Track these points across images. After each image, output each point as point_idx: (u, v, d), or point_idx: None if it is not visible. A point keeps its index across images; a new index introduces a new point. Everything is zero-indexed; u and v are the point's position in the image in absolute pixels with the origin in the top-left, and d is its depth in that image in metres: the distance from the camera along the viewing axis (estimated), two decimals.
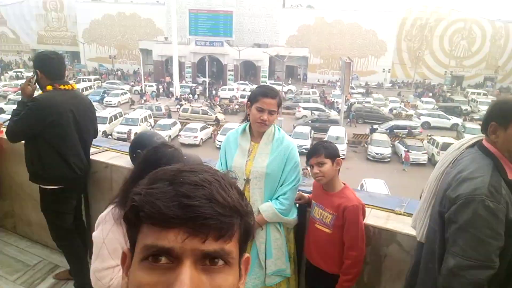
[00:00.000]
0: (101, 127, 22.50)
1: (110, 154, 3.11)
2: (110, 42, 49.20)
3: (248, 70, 45.32)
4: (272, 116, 2.03)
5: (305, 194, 2.25)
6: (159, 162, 1.42)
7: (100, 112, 26.07)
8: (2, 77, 39.47)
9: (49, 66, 2.51)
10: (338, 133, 22.66)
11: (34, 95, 2.51)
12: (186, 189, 0.56)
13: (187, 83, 41.20)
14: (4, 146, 3.33)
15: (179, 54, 38.31)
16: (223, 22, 42.98)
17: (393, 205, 2.27)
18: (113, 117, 25.09)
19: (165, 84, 39.95)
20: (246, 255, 0.67)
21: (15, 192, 3.47)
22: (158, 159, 1.43)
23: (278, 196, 2.07)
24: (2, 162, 3.48)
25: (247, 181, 2.09)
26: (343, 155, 21.54)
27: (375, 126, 26.60)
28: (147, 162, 1.45)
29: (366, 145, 23.58)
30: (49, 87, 2.47)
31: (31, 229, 3.50)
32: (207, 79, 38.31)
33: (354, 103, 33.46)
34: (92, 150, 2.94)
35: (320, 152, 1.99)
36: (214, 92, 37.04)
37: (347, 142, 23.18)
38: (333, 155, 2.00)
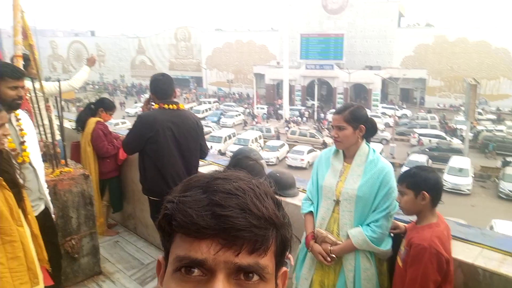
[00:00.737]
0: (216, 146, 24.41)
1: (214, 168, 3.37)
2: (228, 68, 53.41)
3: (359, 93, 44.08)
4: (343, 132, 1.97)
5: (402, 224, 2.09)
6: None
7: (216, 132, 28.36)
8: (140, 98, 45.97)
9: (156, 87, 2.77)
10: (462, 164, 20.19)
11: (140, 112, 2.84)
12: (219, 198, 0.54)
13: (296, 106, 42.01)
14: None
15: (289, 78, 39.46)
16: (333, 45, 42.95)
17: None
18: (227, 137, 26.96)
19: (276, 106, 41.40)
20: (284, 269, 0.63)
21: (137, 196, 3.98)
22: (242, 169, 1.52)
23: (370, 223, 1.96)
24: (127, 169, 4.05)
25: (337, 202, 2.03)
26: (468, 190, 19.05)
27: (508, 159, 23.02)
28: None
29: (497, 180, 20.48)
30: (155, 106, 2.79)
31: (148, 231, 3.96)
32: (315, 102, 38.48)
33: (482, 131, 29.62)
34: (200, 163, 3.19)
35: (405, 180, 1.84)
36: (322, 115, 36.96)
37: (473, 175, 20.43)
38: (418, 186, 1.79)
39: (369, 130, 2.03)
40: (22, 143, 2.24)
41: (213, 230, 0.52)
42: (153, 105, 2.89)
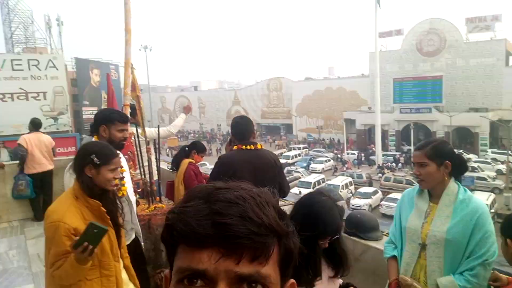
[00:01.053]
0: (305, 191, 24.11)
1: None
2: (318, 114, 53.82)
3: (464, 137, 40.18)
4: (425, 169, 1.82)
5: (504, 276, 1.79)
6: (312, 207, 1.49)
7: (305, 178, 28.21)
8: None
9: (235, 128, 2.94)
10: None
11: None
12: (219, 207, 0.54)
13: (390, 151, 39.93)
14: None
15: (382, 123, 38.02)
16: (431, 87, 40.56)
17: None
18: (316, 183, 26.60)
19: (368, 152, 39.93)
20: (291, 281, 0.61)
21: None
22: (311, 205, 1.50)
23: (464, 271, 1.73)
24: None
25: (423, 246, 1.85)
26: None
27: None
28: (302, 206, 1.54)
29: None
30: (234, 147, 2.94)
31: None
32: (412, 147, 36.11)
33: None
34: (280, 203, 3.22)
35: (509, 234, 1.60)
36: None
37: None
38: None
39: (457, 167, 1.85)
40: (121, 178, 2.55)
41: (213, 238, 0.52)
42: (233, 146, 3.06)
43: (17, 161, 5.99)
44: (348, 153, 39.14)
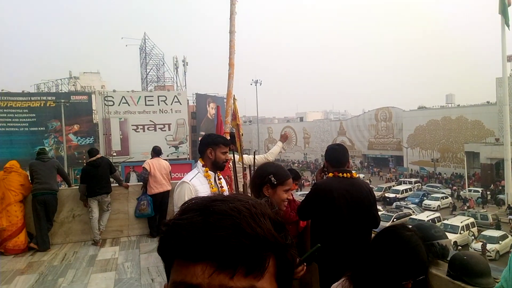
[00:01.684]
0: None
1: None
2: (433, 146, 49.30)
3: None
4: None
5: None
6: (396, 244, 1.41)
7: (417, 215, 25.78)
8: None
9: (331, 155, 2.92)
10: None
11: (316, 181, 3.00)
12: (213, 219, 0.52)
13: None
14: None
15: None
16: None
17: None
18: (430, 221, 24.07)
19: (494, 189, 34.70)
20: None
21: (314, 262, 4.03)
22: (392, 241, 1.42)
23: None
24: (306, 236, 4.20)
25: None
26: None
27: None
28: (382, 241, 1.46)
29: None
30: (330, 174, 2.90)
31: None
32: None
33: None
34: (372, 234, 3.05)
35: None
36: None
37: None
38: None
39: None
40: None
41: (206, 252, 0.50)
42: (327, 173, 3.03)
43: (141, 183, 6.90)
44: (470, 190, 34.61)
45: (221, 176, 2.93)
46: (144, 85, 42.25)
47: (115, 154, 32.30)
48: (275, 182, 2.00)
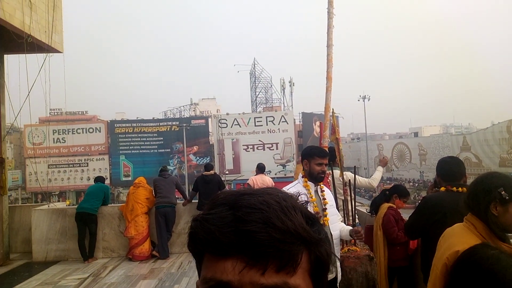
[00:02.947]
0: None
1: None
2: None
3: None
4: None
5: None
6: (480, 265, 1.19)
7: None
8: None
9: (443, 169, 2.65)
10: None
11: (425, 195, 2.70)
12: (242, 213, 0.51)
13: None
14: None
15: None
16: None
17: None
18: None
19: None
20: None
21: None
22: (477, 262, 1.20)
23: None
24: (416, 259, 3.79)
25: None
26: None
27: None
28: (466, 265, 1.24)
29: None
30: (442, 188, 2.58)
31: None
32: None
33: None
34: None
35: None
36: None
37: None
38: None
39: None
40: (324, 209, 2.77)
41: (236, 247, 0.49)
42: (438, 188, 2.74)
43: None
44: None
45: (324, 188, 2.93)
46: (254, 107, 44.51)
47: (227, 172, 34.44)
48: (507, 198, 1.60)
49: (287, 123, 37.63)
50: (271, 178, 7.32)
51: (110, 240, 6.98)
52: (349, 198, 3.70)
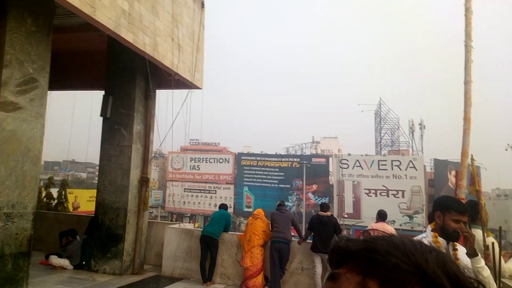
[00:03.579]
0: None
1: None
2: None
3: None
4: None
5: None
6: None
7: None
8: None
9: None
10: None
11: None
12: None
13: None
14: None
15: None
16: None
17: None
18: None
19: None
20: None
21: None
22: None
23: None
24: None
25: None
26: None
27: None
28: None
29: None
30: None
31: None
32: None
33: None
34: None
35: None
36: None
37: None
38: None
39: None
40: None
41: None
42: None
43: None
44: None
45: (458, 247, 2.51)
46: (378, 149, 42.37)
47: (346, 216, 33.05)
48: None
49: (416, 170, 34.50)
50: (394, 228, 6.70)
51: (227, 266, 7.30)
52: (491, 265, 3.10)
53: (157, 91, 8.62)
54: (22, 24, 5.08)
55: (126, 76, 7.89)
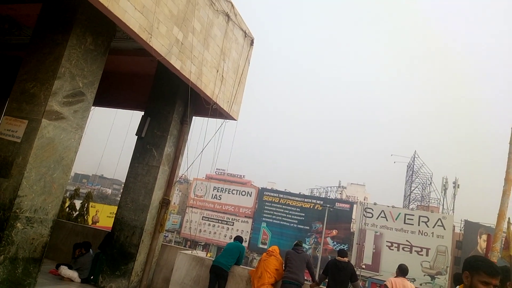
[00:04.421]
0: None
1: None
2: None
3: None
4: None
5: None
6: None
7: None
8: None
9: None
10: None
11: None
12: None
13: None
14: None
15: None
16: None
17: None
18: None
19: None
20: None
21: None
22: None
23: None
24: None
25: None
26: None
27: None
28: None
29: None
30: None
31: None
32: None
33: None
34: None
35: None
36: None
37: None
38: None
39: None
40: None
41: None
42: None
43: None
44: None
45: None
46: (406, 202, 40.88)
47: (364, 267, 31.58)
48: None
49: (444, 229, 32.84)
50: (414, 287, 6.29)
51: None
52: None
53: (193, 117, 8.82)
54: (82, 42, 5.43)
55: (167, 100, 8.16)
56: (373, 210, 35.04)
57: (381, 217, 34.62)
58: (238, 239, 7.60)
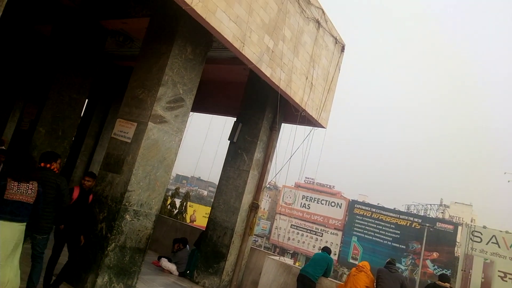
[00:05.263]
0: None
1: None
2: None
3: None
4: None
5: None
6: None
7: None
8: None
9: None
10: None
11: None
12: None
13: None
14: None
15: None
16: None
17: None
18: None
19: None
20: None
21: None
22: None
23: None
24: None
25: None
26: None
27: None
28: None
29: None
30: None
31: None
32: None
33: None
34: None
35: None
36: None
37: None
38: None
39: None
40: None
41: None
42: None
43: None
44: None
45: None
46: None
47: None
48: None
49: None
50: None
51: None
52: None
53: (282, 124, 8.92)
54: (183, 52, 5.91)
55: (257, 107, 8.41)
56: (482, 234, 30.99)
57: (492, 242, 30.41)
58: (326, 250, 7.37)
